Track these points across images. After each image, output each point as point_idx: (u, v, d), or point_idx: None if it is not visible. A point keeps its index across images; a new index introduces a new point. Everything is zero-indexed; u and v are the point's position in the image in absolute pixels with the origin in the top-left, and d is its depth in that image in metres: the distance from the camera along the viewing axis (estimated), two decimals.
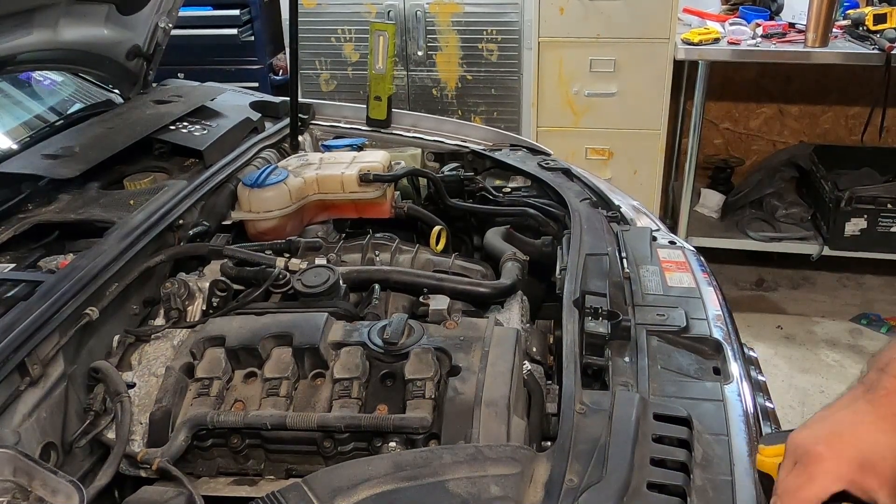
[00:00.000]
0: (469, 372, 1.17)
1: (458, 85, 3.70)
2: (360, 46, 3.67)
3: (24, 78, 2.10)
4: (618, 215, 1.65)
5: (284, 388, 1.22)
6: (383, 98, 2.13)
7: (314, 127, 2.22)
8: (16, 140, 1.86)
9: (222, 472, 1.22)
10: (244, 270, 1.50)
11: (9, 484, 0.98)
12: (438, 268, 1.64)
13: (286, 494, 0.91)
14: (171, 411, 1.21)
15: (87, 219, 1.54)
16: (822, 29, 3.06)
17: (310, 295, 1.40)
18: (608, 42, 3.28)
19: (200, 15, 3.74)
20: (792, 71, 3.80)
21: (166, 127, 1.89)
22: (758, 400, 1.14)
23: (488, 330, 1.27)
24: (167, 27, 2.05)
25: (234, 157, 1.86)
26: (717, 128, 4.07)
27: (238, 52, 3.86)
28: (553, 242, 1.68)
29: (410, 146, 2.12)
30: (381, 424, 1.14)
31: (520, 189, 1.88)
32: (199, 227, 1.64)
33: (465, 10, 3.55)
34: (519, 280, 1.52)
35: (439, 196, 1.86)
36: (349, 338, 1.27)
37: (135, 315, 1.46)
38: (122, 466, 1.17)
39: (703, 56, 3.20)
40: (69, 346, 1.25)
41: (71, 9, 1.73)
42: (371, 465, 0.96)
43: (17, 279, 1.30)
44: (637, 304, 1.29)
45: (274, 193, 1.72)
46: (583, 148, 3.48)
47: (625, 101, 3.36)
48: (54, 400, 1.21)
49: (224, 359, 1.27)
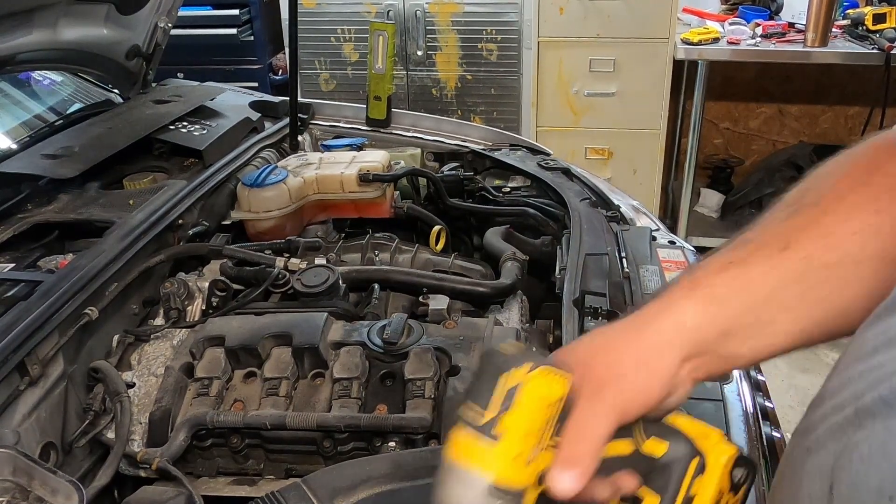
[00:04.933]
0: (469, 372, 1.17)
1: (457, 85, 3.70)
2: (360, 46, 3.66)
3: (23, 78, 2.10)
4: (617, 215, 1.65)
5: (284, 387, 1.22)
6: (383, 98, 2.13)
7: (314, 127, 2.22)
8: (15, 140, 1.86)
9: (222, 471, 1.22)
10: (244, 270, 1.50)
11: (8, 484, 0.98)
12: (438, 268, 1.64)
13: (286, 494, 0.91)
14: (171, 411, 1.21)
15: (86, 219, 1.54)
16: (821, 29, 3.06)
17: (309, 295, 1.40)
18: (608, 42, 3.28)
19: (200, 15, 3.74)
20: (792, 71, 3.80)
21: (166, 127, 1.89)
22: (757, 400, 1.14)
23: (488, 330, 1.27)
24: (167, 27, 2.05)
25: (234, 157, 1.86)
26: (717, 127, 4.07)
27: (238, 51, 3.86)
28: (553, 242, 1.67)
29: (410, 146, 2.12)
30: (381, 424, 1.14)
31: (519, 189, 1.88)
32: (199, 227, 1.64)
33: (464, 10, 3.55)
34: (519, 280, 1.52)
35: (439, 196, 1.86)
36: (349, 337, 1.27)
37: (134, 315, 1.46)
38: (122, 466, 1.17)
39: (703, 56, 3.20)
40: (69, 346, 1.25)
41: (71, 9, 1.73)
42: (371, 465, 0.96)
43: (16, 279, 1.30)
44: (637, 303, 1.29)
45: (273, 193, 1.72)
46: (582, 148, 3.48)
47: (624, 100, 3.36)
48: (54, 400, 1.21)
49: (224, 359, 1.27)
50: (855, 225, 0.61)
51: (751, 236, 0.64)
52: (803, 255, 0.61)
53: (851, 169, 0.65)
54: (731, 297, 0.61)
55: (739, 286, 0.61)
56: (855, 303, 0.61)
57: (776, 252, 0.61)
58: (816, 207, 0.62)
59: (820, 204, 0.63)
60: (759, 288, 0.61)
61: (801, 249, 0.61)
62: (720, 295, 0.61)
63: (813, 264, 0.61)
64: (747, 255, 0.62)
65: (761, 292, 0.61)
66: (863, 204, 0.61)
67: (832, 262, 0.61)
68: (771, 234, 0.63)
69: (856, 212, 0.61)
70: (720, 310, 0.60)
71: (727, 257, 0.63)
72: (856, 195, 0.62)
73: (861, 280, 0.61)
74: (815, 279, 0.61)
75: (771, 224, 0.64)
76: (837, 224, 0.61)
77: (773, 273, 0.61)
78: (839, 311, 0.62)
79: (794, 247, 0.61)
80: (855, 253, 0.61)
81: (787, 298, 0.61)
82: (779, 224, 0.64)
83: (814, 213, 0.62)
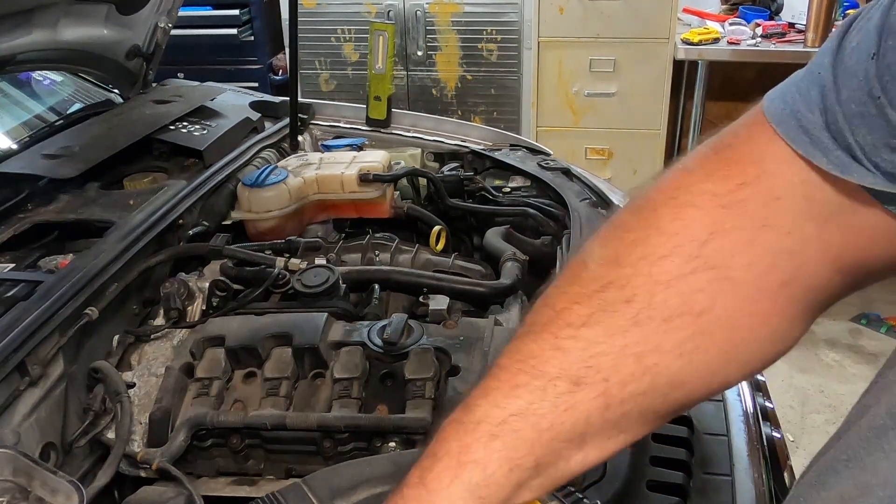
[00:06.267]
0: (469, 372, 1.17)
1: (457, 85, 3.70)
2: (360, 46, 3.67)
3: (23, 78, 2.10)
4: None
5: (284, 388, 1.22)
6: (383, 98, 2.13)
7: (314, 127, 2.22)
8: (15, 140, 1.86)
9: (222, 472, 1.22)
10: (244, 270, 1.50)
11: (8, 484, 0.98)
12: (438, 268, 1.63)
13: (286, 494, 0.91)
14: (171, 411, 1.21)
15: (86, 219, 1.54)
16: (821, 29, 3.07)
17: (309, 295, 1.40)
18: (608, 42, 3.29)
19: (200, 15, 3.74)
20: (792, 71, 3.78)
21: (166, 127, 1.89)
22: (757, 400, 1.14)
23: (488, 330, 1.27)
24: (167, 27, 2.05)
25: (234, 157, 1.86)
26: (717, 128, 4.06)
27: (238, 51, 3.86)
28: (553, 242, 1.67)
29: (410, 146, 2.12)
30: (381, 424, 1.14)
31: (519, 189, 1.88)
32: (199, 227, 1.64)
33: (464, 10, 3.55)
34: (519, 280, 1.52)
35: (439, 196, 1.86)
36: (349, 338, 1.27)
37: (135, 315, 1.46)
38: (122, 466, 1.17)
39: (703, 56, 3.20)
40: (69, 346, 1.25)
41: (71, 9, 1.73)
42: (371, 466, 0.95)
43: (16, 279, 1.30)
44: None
45: (273, 193, 1.72)
46: (583, 148, 3.48)
47: (625, 101, 3.36)
48: (54, 400, 1.21)
49: (224, 359, 1.27)
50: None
51: (536, 362, 0.55)
52: (601, 391, 0.53)
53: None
54: (506, 471, 0.53)
55: (518, 454, 0.53)
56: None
57: (566, 391, 0.53)
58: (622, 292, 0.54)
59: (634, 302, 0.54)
60: (544, 446, 0.53)
61: (598, 383, 0.53)
62: (492, 474, 0.53)
63: (614, 399, 0.53)
64: (533, 399, 0.54)
65: (547, 448, 0.53)
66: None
67: (639, 391, 0.54)
68: (560, 361, 0.54)
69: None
70: (497, 490, 0.53)
71: (508, 405, 0.54)
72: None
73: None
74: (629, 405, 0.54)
75: (565, 335, 0.55)
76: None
77: (564, 417, 0.53)
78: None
79: (589, 381, 0.53)
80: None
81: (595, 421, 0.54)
82: (575, 336, 0.54)
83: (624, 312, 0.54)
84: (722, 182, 0.55)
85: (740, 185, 0.54)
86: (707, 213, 0.54)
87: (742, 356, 0.56)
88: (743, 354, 0.56)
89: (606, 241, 0.58)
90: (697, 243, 0.53)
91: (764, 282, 0.53)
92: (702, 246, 0.53)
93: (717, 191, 0.54)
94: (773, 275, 0.53)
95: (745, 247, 0.53)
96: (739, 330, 0.54)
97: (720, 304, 0.53)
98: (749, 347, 0.56)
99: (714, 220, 0.54)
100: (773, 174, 0.53)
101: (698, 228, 0.54)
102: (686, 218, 0.55)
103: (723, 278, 0.53)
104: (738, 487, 0.93)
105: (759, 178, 0.53)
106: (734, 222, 0.53)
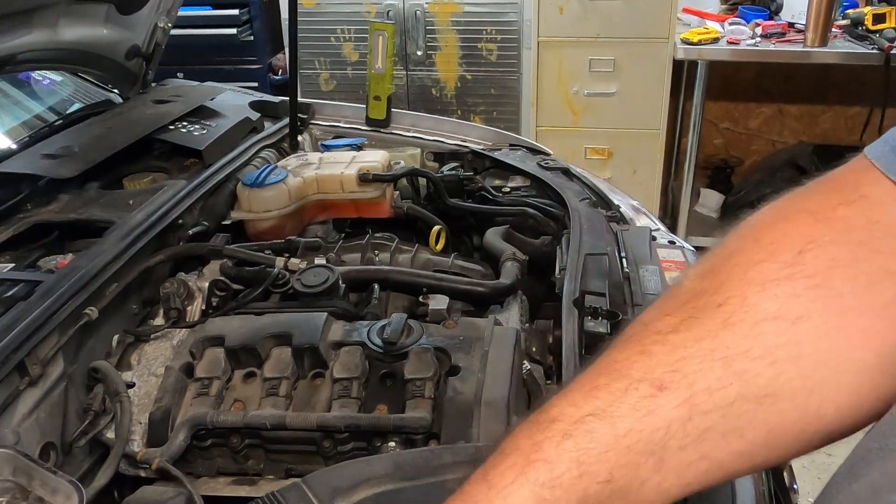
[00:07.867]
0: (469, 372, 1.17)
1: (457, 85, 3.70)
2: (360, 46, 3.67)
3: (23, 78, 2.10)
4: (617, 215, 1.65)
5: (284, 387, 1.22)
6: (383, 98, 2.13)
7: (314, 127, 2.22)
8: (15, 140, 1.86)
9: (222, 472, 1.22)
10: (244, 270, 1.50)
11: (8, 484, 0.98)
12: (438, 268, 1.64)
13: (286, 494, 0.91)
14: (171, 411, 1.21)
15: (86, 219, 1.54)
16: (821, 29, 3.06)
17: (309, 295, 1.40)
18: (607, 42, 3.28)
19: (200, 15, 3.74)
20: (791, 71, 3.80)
21: (166, 127, 1.89)
22: None
23: (488, 330, 1.27)
24: (167, 27, 2.05)
25: (234, 157, 1.86)
26: (717, 127, 4.07)
27: (237, 51, 3.86)
28: (552, 242, 1.67)
29: (410, 146, 2.12)
30: (381, 424, 1.14)
31: (519, 189, 1.88)
32: (199, 227, 1.64)
33: (464, 10, 3.55)
34: (518, 280, 1.52)
35: (439, 196, 1.86)
36: (349, 337, 1.27)
37: (134, 315, 1.46)
38: (122, 466, 1.17)
39: (703, 56, 3.20)
40: (69, 346, 1.25)
41: (70, 9, 1.73)
42: (371, 465, 0.95)
43: (16, 279, 1.30)
44: (637, 303, 1.29)
45: (273, 193, 1.72)
46: (582, 148, 3.48)
47: (624, 100, 3.36)
48: (54, 400, 1.21)
49: (223, 359, 1.27)
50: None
51: (620, 365, 0.53)
52: (686, 398, 0.51)
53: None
54: (575, 476, 0.50)
55: (590, 459, 0.50)
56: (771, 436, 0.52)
57: (648, 395, 0.51)
58: (719, 310, 0.52)
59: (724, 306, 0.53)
60: (620, 455, 0.50)
61: (682, 388, 0.51)
62: (560, 476, 0.50)
63: (699, 409, 0.50)
64: (612, 399, 0.51)
65: (623, 459, 0.50)
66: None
67: (725, 402, 0.51)
68: (645, 364, 0.52)
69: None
70: (562, 495, 0.50)
71: (586, 405, 0.52)
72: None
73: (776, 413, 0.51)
74: (703, 426, 0.51)
75: (651, 340, 0.53)
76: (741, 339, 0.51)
77: (643, 423, 0.50)
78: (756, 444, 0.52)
79: (673, 386, 0.51)
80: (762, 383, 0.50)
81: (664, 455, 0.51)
82: (662, 341, 0.53)
83: (713, 321, 0.52)
84: (820, 201, 0.55)
85: (839, 204, 0.54)
86: (805, 226, 0.54)
87: (840, 377, 0.52)
88: (842, 375, 0.52)
89: (703, 259, 0.58)
90: (794, 251, 0.52)
91: (866, 299, 0.51)
92: (799, 254, 0.52)
93: (815, 209, 0.54)
94: (876, 293, 0.51)
95: (845, 261, 0.52)
96: (838, 347, 0.51)
97: (818, 314, 0.51)
98: (848, 368, 0.52)
99: (812, 231, 0.53)
100: (872, 199, 0.53)
101: (795, 237, 0.53)
102: (783, 231, 0.54)
103: (822, 286, 0.51)
104: (737, 487, 0.93)
105: (858, 202, 0.53)
106: (833, 236, 0.52)
